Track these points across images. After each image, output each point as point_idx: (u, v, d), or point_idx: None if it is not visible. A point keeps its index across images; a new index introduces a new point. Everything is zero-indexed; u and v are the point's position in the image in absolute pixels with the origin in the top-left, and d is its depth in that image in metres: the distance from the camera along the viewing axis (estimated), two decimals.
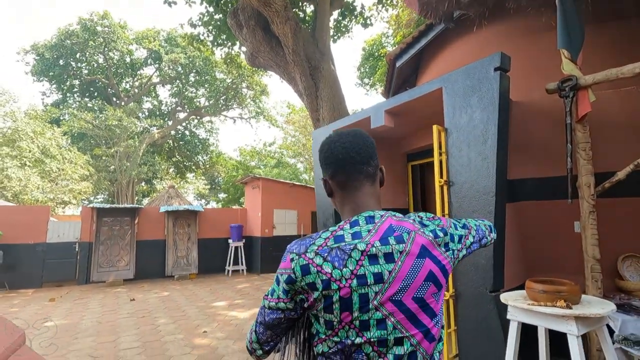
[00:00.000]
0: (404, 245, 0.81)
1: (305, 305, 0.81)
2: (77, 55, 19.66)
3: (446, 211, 2.83)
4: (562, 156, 2.68)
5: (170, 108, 24.36)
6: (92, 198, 21.78)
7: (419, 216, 0.91)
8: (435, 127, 2.87)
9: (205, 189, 30.60)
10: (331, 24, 10.70)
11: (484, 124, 2.61)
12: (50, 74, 19.65)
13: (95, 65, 20.53)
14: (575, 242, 2.68)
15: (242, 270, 9.52)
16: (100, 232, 8.44)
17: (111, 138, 18.18)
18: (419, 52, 5.01)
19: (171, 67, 21.34)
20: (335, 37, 10.59)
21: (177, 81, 22.32)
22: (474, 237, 0.97)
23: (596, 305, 1.79)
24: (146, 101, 24.41)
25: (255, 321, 0.90)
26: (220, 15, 9.36)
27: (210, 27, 10.05)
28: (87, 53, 19.51)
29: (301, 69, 7.54)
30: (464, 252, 0.93)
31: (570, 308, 1.73)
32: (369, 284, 0.77)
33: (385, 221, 0.85)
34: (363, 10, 10.28)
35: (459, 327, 2.71)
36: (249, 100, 24.14)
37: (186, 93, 22.78)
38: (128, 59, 21.61)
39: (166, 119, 23.94)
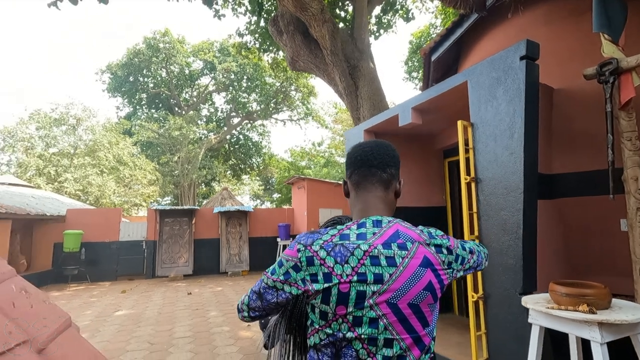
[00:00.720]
0: (406, 252, 0.83)
1: (298, 293, 0.86)
2: (144, 71, 21.70)
3: (474, 209, 2.72)
4: (605, 147, 2.45)
5: (225, 114, 25.84)
6: (160, 200, 23.94)
7: (428, 230, 0.92)
8: (460, 123, 2.77)
9: (260, 190, 31.96)
10: (373, 20, 10.62)
11: (510, 117, 2.47)
12: (122, 89, 21.93)
13: (159, 78, 22.48)
14: (624, 242, 2.43)
15: None
16: (163, 231, 9.30)
17: (174, 145, 19.82)
18: (456, 43, 4.81)
19: (224, 75, 22.64)
20: (377, 34, 10.47)
21: (231, 88, 23.60)
22: (474, 262, 0.99)
23: (627, 311, 1.64)
24: (203, 109, 26.16)
25: (252, 289, 0.97)
26: (264, 23, 9.77)
27: (257, 35, 10.54)
28: (152, 68, 21.45)
29: (340, 69, 7.60)
30: (461, 273, 0.95)
31: (594, 313, 1.61)
32: (368, 282, 0.80)
33: (392, 227, 0.87)
34: (404, 4, 10.03)
35: (489, 330, 2.60)
36: (298, 102, 24.75)
37: (239, 99, 23.99)
38: (187, 71, 23.34)
39: (222, 124, 25.45)
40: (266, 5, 9.69)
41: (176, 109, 23.96)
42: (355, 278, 0.80)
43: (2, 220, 7.38)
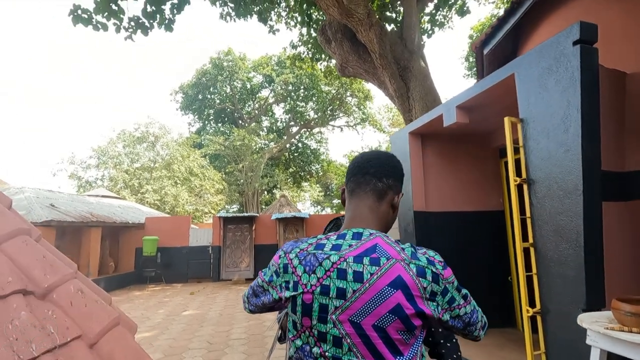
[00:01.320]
0: (377, 268, 0.76)
1: (277, 298, 0.87)
2: (211, 89, 23.53)
3: (527, 214, 2.46)
4: None
5: (284, 124, 26.84)
6: (227, 207, 25.58)
7: (420, 251, 0.81)
8: (507, 119, 2.55)
9: (320, 196, 32.46)
10: (426, 18, 10.27)
11: (563, 110, 2.20)
12: (193, 107, 23.99)
13: (224, 94, 24.17)
14: None
15: None
16: (227, 237, 9.91)
17: (238, 155, 21.09)
18: (511, 34, 4.43)
19: (282, 87, 23.58)
20: (430, 32, 10.09)
21: (289, 99, 24.47)
22: (465, 314, 0.83)
23: None
24: (264, 120, 27.47)
25: (251, 284, 1.03)
26: (314, 33, 10.01)
27: (309, 45, 10.84)
28: (218, 86, 23.17)
29: (390, 71, 7.46)
30: (447, 317, 0.79)
31: None
32: (330, 296, 0.76)
33: (371, 240, 0.81)
34: None
35: (548, 350, 2.32)
36: (354, 108, 24.78)
37: (297, 108, 24.76)
38: (248, 86, 24.79)
39: (282, 134, 26.45)
40: (315, 16, 9.91)
41: (240, 121, 25.50)
42: (318, 289, 0.78)
43: (94, 228, 8.50)
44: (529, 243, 2.44)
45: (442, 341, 1.21)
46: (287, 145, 26.50)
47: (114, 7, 6.46)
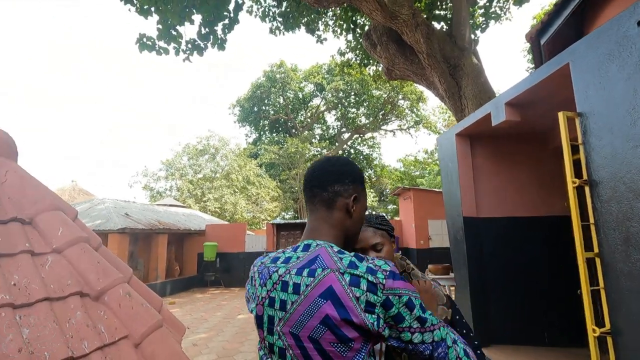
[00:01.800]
0: (312, 279, 0.75)
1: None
2: (265, 101, 24.57)
3: (591, 219, 2.18)
4: None
5: (336, 130, 27.04)
6: (284, 214, 26.34)
7: (364, 260, 0.76)
8: (561, 115, 2.29)
9: (374, 202, 32.00)
10: (480, 11, 9.73)
11: (629, 100, 1.93)
12: (249, 119, 25.22)
13: (278, 106, 25.08)
14: None
15: None
16: (279, 243, 10.17)
17: (292, 163, 21.66)
18: (572, 19, 4.00)
19: (333, 94, 23.81)
20: (484, 26, 9.53)
21: (340, 106, 24.63)
22: (422, 345, 0.73)
23: None
24: (317, 128, 27.92)
25: None
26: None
27: (357, 52, 10.86)
28: (271, 97, 24.13)
29: (439, 71, 7.18)
30: (393, 334, 0.73)
31: None
32: (275, 307, 0.78)
33: (315, 251, 0.81)
34: None
35: None
36: (406, 111, 24.17)
37: (348, 115, 24.82)
38: (300, 95, 25.45)
39: (334, 141, 26.66)
40: (361, 21, 9.90)
41: (293, 130, 26.21)
42: (267, 302, 0.80)
43: (161, 234, 9.27)
44: (593, 253, 2.16)
45: None
46: (340, 152, 26.62)
47: (173, 32, 7.06)
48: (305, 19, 9.89)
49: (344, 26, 9.92)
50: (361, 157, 27.16)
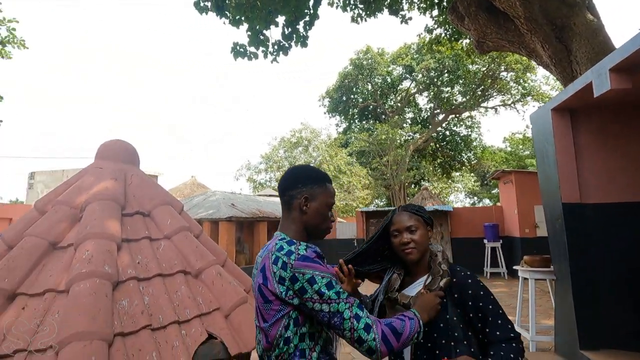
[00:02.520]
0: (260, 259, 1.09)
1: None
2: (353, 89, 24.61)
3: None
4: None
5: (429, 113, 25.62)
6: (377, 202, 26.30)
7: (293, 245, 1.03)
8: None
9: (476, 186, 29.59)
10: None
11: None
12: (339, 109, 25.63)
13: (366, 92, 24.89)
14: None
15: (503, 273, 8.71)
16: (369, 231, 10.30)
17: (382, 150, 21.40)
18: None
19: (424, 74, 22.55)
20: None
21: (432, 86, 23.21)
22: (321, 313, 0.96)
23: None
24: (408, 112, 26.88)
25: None
26: None
27: (446, 26, 10.16)
28: (359, 85, 24.06)
29: (542, 35, 6.30)
30: (297, 302, 0.98)
31: None
32: (253, 277, 1.15)
33: (271, 240, 1.13)
34: None
35: None
36: (511, 84, 21.53)
37: (441, 95, 23.26)
38: (389, 79, 24.76)
39: (427, 124, 25.34)
40: None
41: (383, 116, 25.74)
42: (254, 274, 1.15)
43: (261, 222, 10.29)
44: None
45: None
46: (433, 135, 25.20)
47: (261, 37, 7.66)
48: (388, 0, 9.60)
49: (428, 2, 9.34)
50: (458, 138, 25.25)
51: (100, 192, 2.23)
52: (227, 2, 7.09)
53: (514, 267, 4.29)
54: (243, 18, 7.33)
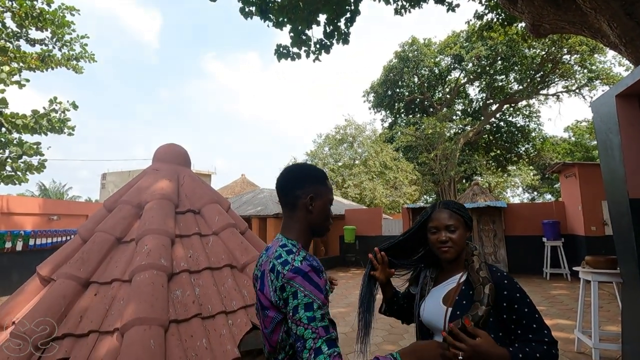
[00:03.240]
0: (261, 262, 1.09)
1: None
2: (399, 83, 24.02)
3: None
4: None
5: (480, 104, 24.25)
6: (427, 197, 25.52)
7: (292, 254, 0.98)
8: None
9: (535, 180, 27.55)
10: None
11: None
12: (384, 104, 25.18)
13: (412, 86, 24.18)
14: None
15: (566, 275, 8.05)
16: None
17: (430, 144, 20.69)
18: None
19: (475, 63, 21.37)
20: None
21: (484, 75, 21.93)
22: (291, 327, 0.91)
23: None
24: (458, 103, 25.66)
25: None
26: None
27: (499, 10, 9.58)
28: (405, 78, 23.41)
29: (608, 12, 5.71)
30: (284, 313, 0.95)
31: None
32: (253, 278, 1.14)
33: (273, 243, 1.10)
34: None
35: None
36: (576, 67, 19.66)
37: (494, 84, 21.90)
38: (436, 71, 23.81)
39: (479, 115, 24.02)
40: None
41: (430, 109, 24.85)
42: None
43: None
44: None
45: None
46: (486, 127, 23.81)
47: (303, 37, 7.79)
48: None
49: None
50: (514, 129, 23.62)
51: (157, 191, 2.45)
52: (270, 5, 7.29)
53: (574, 269, 3.97)
54: (286, 20, 7.50)
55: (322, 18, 7.60)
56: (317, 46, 7.99)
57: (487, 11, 9.77)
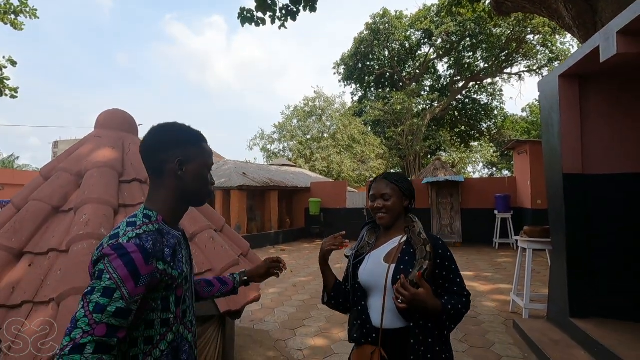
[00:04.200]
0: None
1: None
2: (369, 56, 23.77)
3: None
4: None
5: (448, 80, 24.67)
6: (391, 171, 26.06)
7: (118, 230, 0.84)
8: None
9: (495, 157, 28.88)
10: None
11: None
12: (354, 77, 24.94)
13: (382, 59, 24.03)
14: None
15: (513, 244, 8.69)
16: None
17: (398, 119, 20.96)
18: None
19: (444, 39, 21.49)
20: None
21: (453, 51, 22.17)
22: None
23: None
24: (426, 79, 25.93)
25: None
26: None
27: None
28: (375, 52, 23.19)
29: None
30: None
31: None
32: None
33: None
34: None
35: None
36: (538, 47, 20.31)
37: (462, 61, 22.24)
38: (407, 45, 23.73)
39: (446, 91, 24.48)
40: None
41: (400, 84, 24.96)
42: None
43: (272, 191, 10.47)
44: None
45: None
46: (453, 104, 24.39)
47: (269, 1, 7.43)
48: None
49: None
50: (478, 107, 24.39)
51: (99, 159, 2.34)
52: None
53: (514, 238, 4.28)
54: None
55: None
56: (283, 12, 7.68)
57: None
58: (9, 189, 7.64)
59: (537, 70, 21.44)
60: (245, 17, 7.61)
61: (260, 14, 7.60)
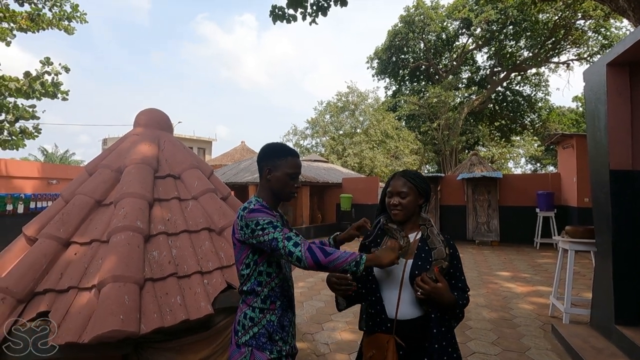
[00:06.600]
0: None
1: None
2: (404, 49, 23.15)
3: None
4: None
5: (487, 71, 23.52)
6: (428, 168, 25.45)
7: (250, 203, 1.34)
8: None
9: (539, 151, 27.26)
10: None
11: None
12: (388, 70, 24.43)
13: (418, 52, 23.34)
14: None
15: (555, 244, 8.19)
16: None
17: (434, 114, 20.34)
18: None
19: (484, 28, 20.47)
20: None
21: (493, 40, 21.08)
22: (265, 242, 1.24)
23: None
24: (464, 71, 24.88)
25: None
26: None
27: None
28: (410, 44, 22.54)
29: None
30: (255, 241, 1.27)
31: None
32: None
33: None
34: None
35: None
36: (590, 33, 18.81)
37: (503, 51, 21.09)
38: (443, 36, 22.87)
39: (484, 84, 23.37)
40: None
41: (436, 77, 24.16)
42: None
43: (304, 187, 10.58)
44: None
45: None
46: (493, 96, 23.23)
47: None
48: None
49: None
50: (520, 99, 23.06)
51: (137, 156, 2.49)
52: None
53: (554, 238, 4.04)
54: None
55: None
56: (314, 7, 7.68)
57: None
58: (63, 183, 8.32)
59: (588, 59, 19.87)
60: (277, 14, 7.69)
61: (291, 11, 7.66)
